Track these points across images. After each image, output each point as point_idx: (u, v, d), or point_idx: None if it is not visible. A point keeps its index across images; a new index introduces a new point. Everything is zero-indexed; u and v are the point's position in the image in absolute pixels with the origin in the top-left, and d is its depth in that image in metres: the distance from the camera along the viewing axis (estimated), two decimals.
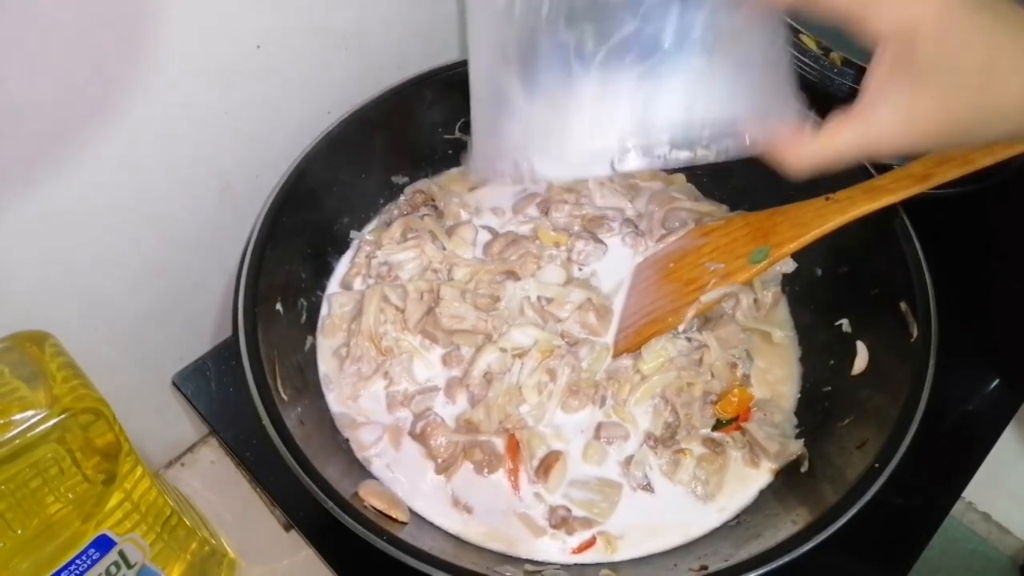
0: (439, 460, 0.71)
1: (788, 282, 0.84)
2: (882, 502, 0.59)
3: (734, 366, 0.75)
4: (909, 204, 0.70)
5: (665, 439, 0.72)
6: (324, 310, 0.81)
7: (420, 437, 0.72)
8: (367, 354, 0.76)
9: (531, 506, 0.70)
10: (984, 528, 0.95)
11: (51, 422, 0.56)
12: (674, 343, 0.75)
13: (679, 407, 0.72)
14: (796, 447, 0.71)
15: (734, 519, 0.69)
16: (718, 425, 0.74)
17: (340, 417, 0.74)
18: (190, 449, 0.92)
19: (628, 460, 0.72)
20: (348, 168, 0.82)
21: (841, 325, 0.76)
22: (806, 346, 0.80)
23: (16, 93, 0.56)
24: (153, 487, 0.67)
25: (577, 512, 0.69)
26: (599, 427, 0.73)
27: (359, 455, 0.71)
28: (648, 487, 0.71)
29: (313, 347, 0.78)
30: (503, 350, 0.74)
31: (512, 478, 0.71)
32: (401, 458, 0.72)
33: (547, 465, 0.70)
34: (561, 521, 0.68)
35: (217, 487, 0.88)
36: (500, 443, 0.72)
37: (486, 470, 0.71)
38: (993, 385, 0.88)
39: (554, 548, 0.67)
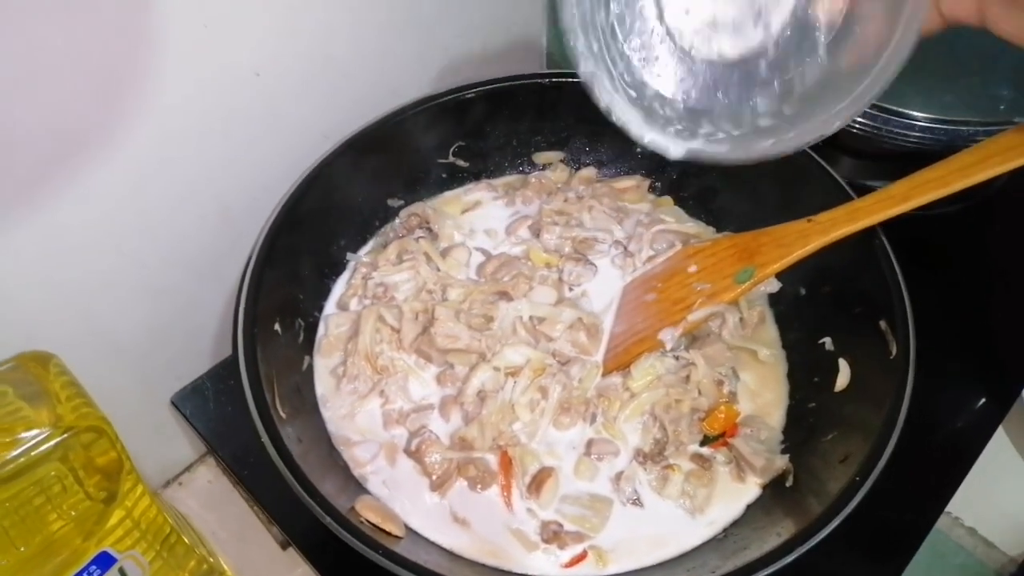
0: (434, 477, 0.72)
1: (773, 302, 0.86)
2: (869, 515, 0.60)
3: (720, 383, 0.77)
4: (894, 224, 0.72)
5: (654, 455, 0.73)
6: (321, 330, 0.82)
7: (415, 454, 0.73)
8: (363, 373, 0.77)
9: (524, 521, 0.71)
10: (970, 543, 0.96)
11: (54, 441, 0.58)
12: (662, 361, 0.76)
13: (667, 423, 0.74)
14: (782, 462, 0.72)
15: (722, 532, 0.70)
16: (705, 441, 0.76)
17: (337, 435, 0.75)
18: (187, 469, 0.93)
19: (618, 476, 0.73)
20: (344, 192, 0.83)
21: (824, 343, 0.78)
22: (791, 364, 0.82)
23: (16, 119, 0.58)
24: (153, 505, 0.68)
25: (569, 527, 0.70)
26: (590, 443, 0.75)
27: (355, 472, 0.72)
28: (638, 502, 0.72)
29: (310, 367, 0.79)
30: (496, 369, 0.75)
31: (505, 494, 0.72)
32: (397, 475, 0.73)
33: (539, 481, 0.71)
34: (553, 536, 0.69)
35: (214, 507, 0.89)
36: (493, 460, 0.73)
37: (479, 486, 0.72)
38: (980, 403, 0.89)
39: (546, 562, 0.68)
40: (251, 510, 0.87)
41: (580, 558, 0.69)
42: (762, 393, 0.80)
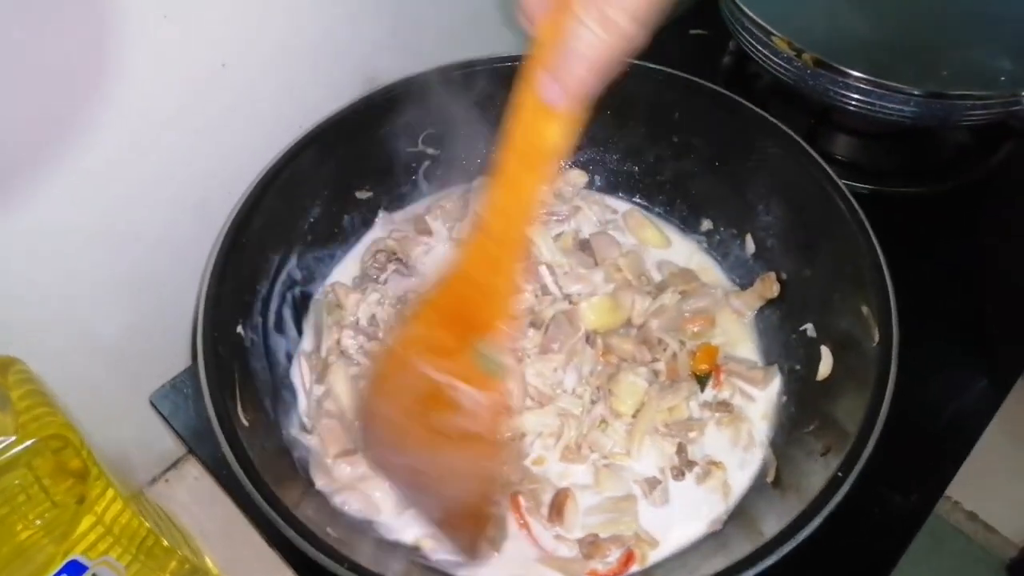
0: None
1: None
2: (865, 498, 0.61)
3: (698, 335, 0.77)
4: (883, 203, 0.70)
5: (683, 464, 0.71)
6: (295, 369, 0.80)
7: None
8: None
9: (557, 548, 0.68)
10: (970, 527, 0.95)
11: (15, 450, 0.57)
12: (637, 373, 0.74)
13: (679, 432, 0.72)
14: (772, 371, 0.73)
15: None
16: (702, 383, 0.75)
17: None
18: (174, 465, 0.92)
19: (650, 484, 0.71)
20: (308, 188, 0.81)
21: (806, 330, 0.76)
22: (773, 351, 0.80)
23: None
24: (126, 509, 0.67)
25: (603, 535, 0.68)
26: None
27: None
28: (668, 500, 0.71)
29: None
30: None
31: (526, 532, 0.69)
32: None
33: (558, 506, 0.69)
34: (593, 549, 0.67)
35: (202, 503, 0.88)
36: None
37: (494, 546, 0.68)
38: (976, 381, 0.87)
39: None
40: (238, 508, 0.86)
41: (629, 558, 0.67)
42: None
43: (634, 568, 0.67)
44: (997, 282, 0.94)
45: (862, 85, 0.88)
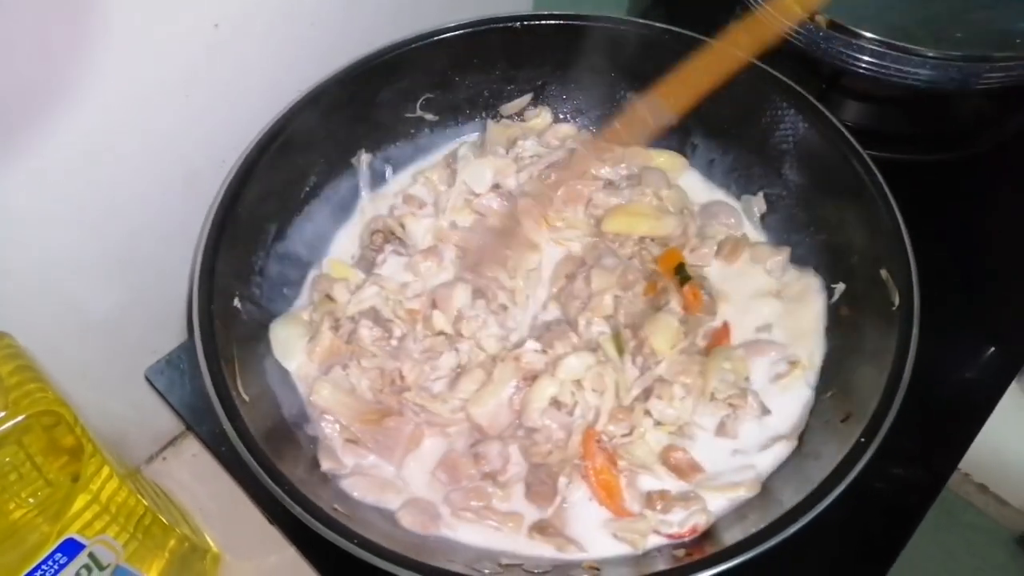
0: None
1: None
2: (878, 474, 0.57)
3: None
4: (893, 170, 0.68)
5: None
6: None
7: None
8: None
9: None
10: (981, 500, 0.94)
11: (5, 427, 0.55)
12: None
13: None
14: None
15: None
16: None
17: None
18: (172, 442, 0.91)
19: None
20: (304, 155, 0.78)
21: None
22: None
23: None
24: (123, 487, 0.66)
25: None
26: None
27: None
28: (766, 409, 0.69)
29: None
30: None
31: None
32: None
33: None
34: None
35: (201, 480, 0.87)
36: None
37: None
38: (989, 353, 0.85)
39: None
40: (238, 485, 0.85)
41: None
42: None
43: None
44: (1012, 252, 0.91)
45: (876, 47, 0.86)
